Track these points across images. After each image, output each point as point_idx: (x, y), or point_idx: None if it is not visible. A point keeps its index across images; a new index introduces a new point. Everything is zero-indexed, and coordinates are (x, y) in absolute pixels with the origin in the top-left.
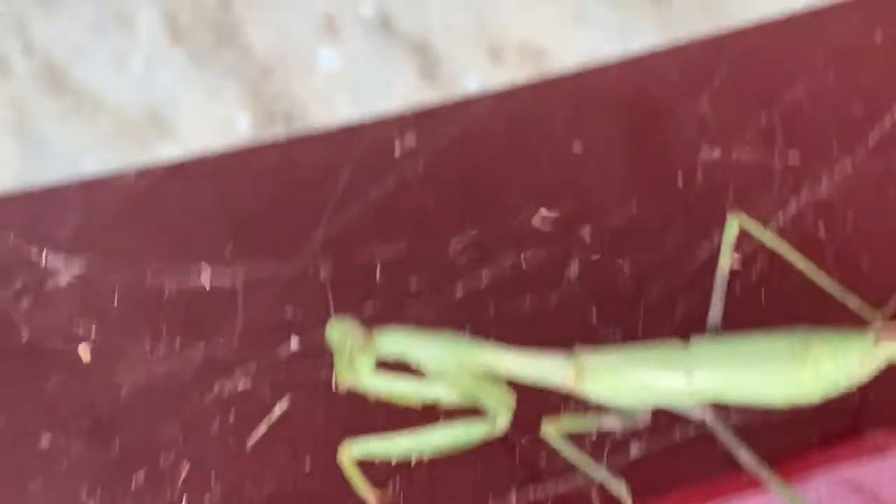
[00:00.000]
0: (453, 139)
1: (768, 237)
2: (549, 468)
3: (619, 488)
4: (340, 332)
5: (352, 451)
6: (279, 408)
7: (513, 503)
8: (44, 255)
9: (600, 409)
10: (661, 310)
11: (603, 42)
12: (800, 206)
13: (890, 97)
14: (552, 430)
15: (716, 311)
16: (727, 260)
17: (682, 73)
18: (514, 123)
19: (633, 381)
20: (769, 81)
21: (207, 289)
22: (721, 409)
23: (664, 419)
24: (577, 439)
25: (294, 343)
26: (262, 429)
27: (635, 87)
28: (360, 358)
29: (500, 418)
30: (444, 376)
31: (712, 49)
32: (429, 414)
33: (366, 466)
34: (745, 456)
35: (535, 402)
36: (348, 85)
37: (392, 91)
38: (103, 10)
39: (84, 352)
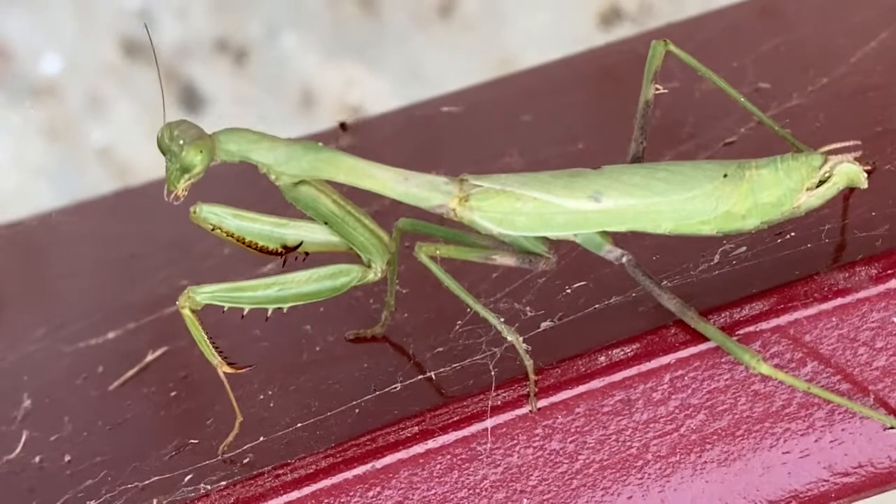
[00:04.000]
0: None
1: (697, 65)
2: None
3: (510, 333)
4: (173, 135)
5: (195, 297)
6: (152, 354)
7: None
8: None
9: (494, 242)
10: None
11: None
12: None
13: None
14: (426, 253)
15: (636, 144)
16: (649, 89)
17: None
18: None
19: (529, 204)
20: None
21: None
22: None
23: (581, 292)
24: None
25: None
26: (129, 373)
27: None
28: (194, 157)
29: (375, 262)
30: (300, 202)
31: None
32: None
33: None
34: (669, 301)
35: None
36: None
37: None
38: None
39: None
